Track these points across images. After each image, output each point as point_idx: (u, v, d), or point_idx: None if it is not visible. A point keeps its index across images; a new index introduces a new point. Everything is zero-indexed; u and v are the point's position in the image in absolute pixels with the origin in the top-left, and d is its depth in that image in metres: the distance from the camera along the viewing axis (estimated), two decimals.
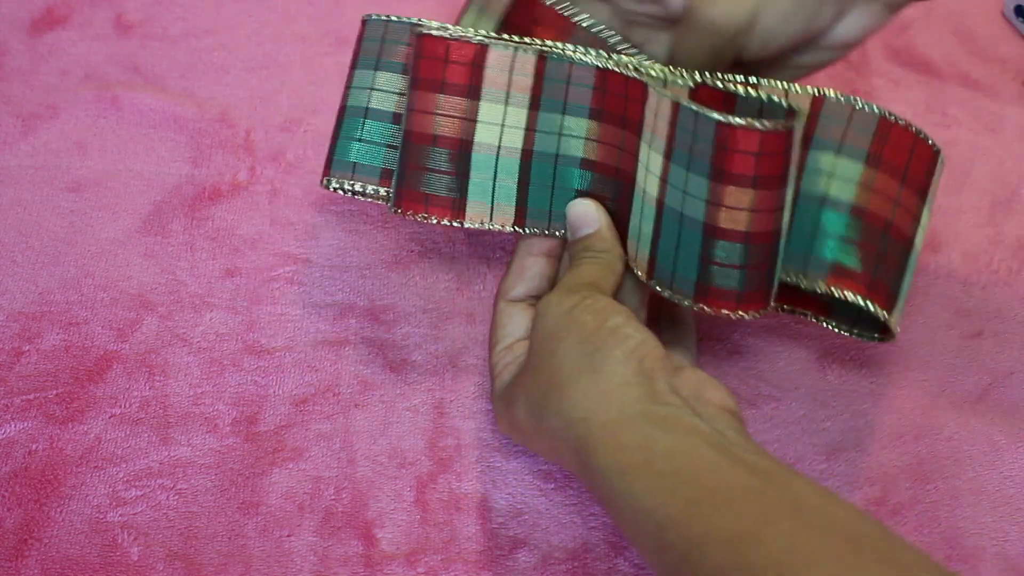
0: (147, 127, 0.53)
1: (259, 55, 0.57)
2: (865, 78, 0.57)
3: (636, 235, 0.40)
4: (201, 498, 0.42)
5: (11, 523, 0.40)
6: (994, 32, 0.60)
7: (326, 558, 0.40)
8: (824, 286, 0.39)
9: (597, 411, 0.33)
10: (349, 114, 0.42)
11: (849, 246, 0.38)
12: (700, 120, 0.36)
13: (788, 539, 0.27)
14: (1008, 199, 0.52)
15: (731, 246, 0.37)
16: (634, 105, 0.39)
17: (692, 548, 0.29)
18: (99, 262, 0.48)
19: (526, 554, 0.41)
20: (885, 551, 0.27)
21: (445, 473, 0.43)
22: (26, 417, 0.43)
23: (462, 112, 0.40)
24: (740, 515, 0.29)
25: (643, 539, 0.31)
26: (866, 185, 0.38)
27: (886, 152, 0.39)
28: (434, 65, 0.40)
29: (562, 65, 0.41)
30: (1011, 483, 0.43)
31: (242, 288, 0.48)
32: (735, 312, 0.38)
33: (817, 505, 0.29)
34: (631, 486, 0.31)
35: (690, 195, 0.37)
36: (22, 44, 0.56)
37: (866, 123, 0.38)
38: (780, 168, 0.36)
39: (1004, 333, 0.48)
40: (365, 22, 0.43)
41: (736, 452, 0.31)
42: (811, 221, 0.39)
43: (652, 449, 0.31)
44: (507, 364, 0.40)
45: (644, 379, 0.34)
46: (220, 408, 0.44)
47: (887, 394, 0.46)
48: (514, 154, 0.41)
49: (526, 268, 0.41)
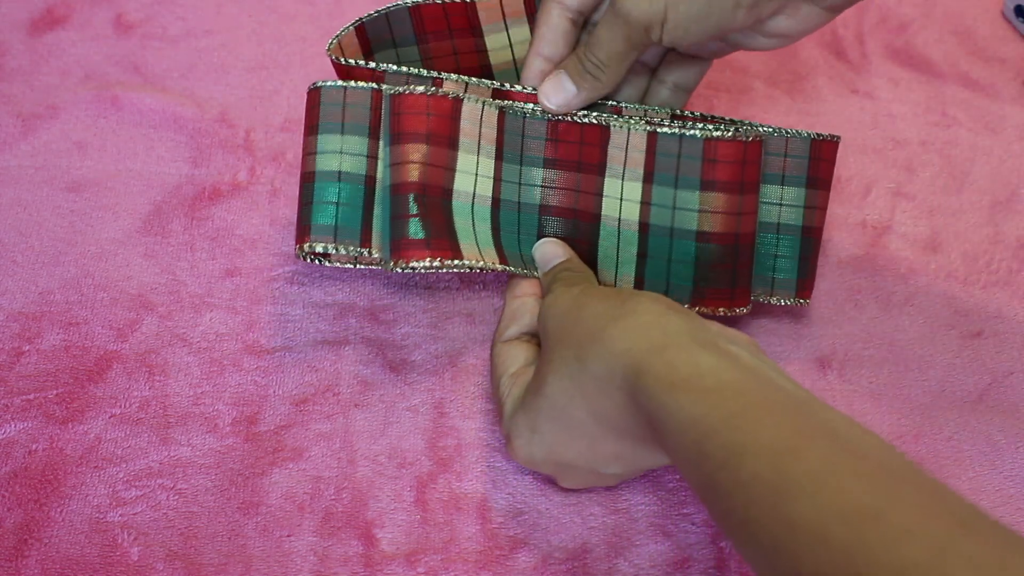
0: (147, 127, 0.53)
1: (259, 55, 0.57)
2: (865, 78, 0.57)
3: (612, 263, 0.43)
4: (201, 498, 0.42)
5: (11, 523, 0.40)
6: (994, 32, 0.60)
7: (326, 558, 0.40)
8: (793, 301, 0.44)
9: (640, 340, 0.34)
10: (321, 178, 0.42)
11: (802, 262, 0.44)
12: (685, 142, 0.41)
13: (826, 455, 0.28)
14: (1008, 199, 0.52)
15: (724, 248, 0.41)
16: (590, 149, 0.43)
17: (731, 456, 0.29)
18: (99, 262, 0.48)
19: (526, 554, 0.41)
20: (915, 477, 0.28)
21: (445, 473, 0.43)
22: (26, 417, 0.43)
23: (444, 161, 0.42)
24: (780, 429, 0.29)
25: (684, 451, 0.31)
26: (810, 206, 0.44)
27: (821, 171, 0.44)
28: (416, 119, 0.41)
29: (518, 119, 0.44)
30: (1011, 483, 0.43)
31: (242, 288, 0.48)
32: (730, 309, 0.42)
33: (850, 432, 0.30)
34: (678, 399, 0.32)
35: (680, 209, 0.41)
36: (22, 44, 0.56)
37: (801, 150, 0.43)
38: (757, 175, 0.42)
39: (1004, 333, 0.48)
40: (319, 89, 0.42)
41: (774, 378, 0.33)
42: (769, 247, 0.44)
43: (699, 366, 0.32)
44: (513, 386, 0.40)
45: (678, 312, 0.36)
46: (220, 408, 0.44)
47: (887, 394, 0.46)
48: (486, 202, 0.43)
49: (516, 310, 0.43)
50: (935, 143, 0.54)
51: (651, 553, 0.41)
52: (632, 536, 0.41)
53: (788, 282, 0.44)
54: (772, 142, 0.43)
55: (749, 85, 0.56)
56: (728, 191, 0.41)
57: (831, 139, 0.44)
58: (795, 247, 0.44)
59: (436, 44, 0.46)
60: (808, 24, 0.41)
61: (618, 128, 0.43)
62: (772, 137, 0.43)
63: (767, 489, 0.28)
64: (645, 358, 0.33)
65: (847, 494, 0.27)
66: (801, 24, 0.41)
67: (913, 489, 0.27)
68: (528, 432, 0.38)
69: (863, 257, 0.50)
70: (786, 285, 0.44)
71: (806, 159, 0.43)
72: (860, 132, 0.55)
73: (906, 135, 0.55)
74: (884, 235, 0.51)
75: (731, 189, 0.41)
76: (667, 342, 0.34)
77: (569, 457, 0.38)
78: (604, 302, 0.37)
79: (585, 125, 0.43)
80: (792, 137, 0.43)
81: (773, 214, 0.43)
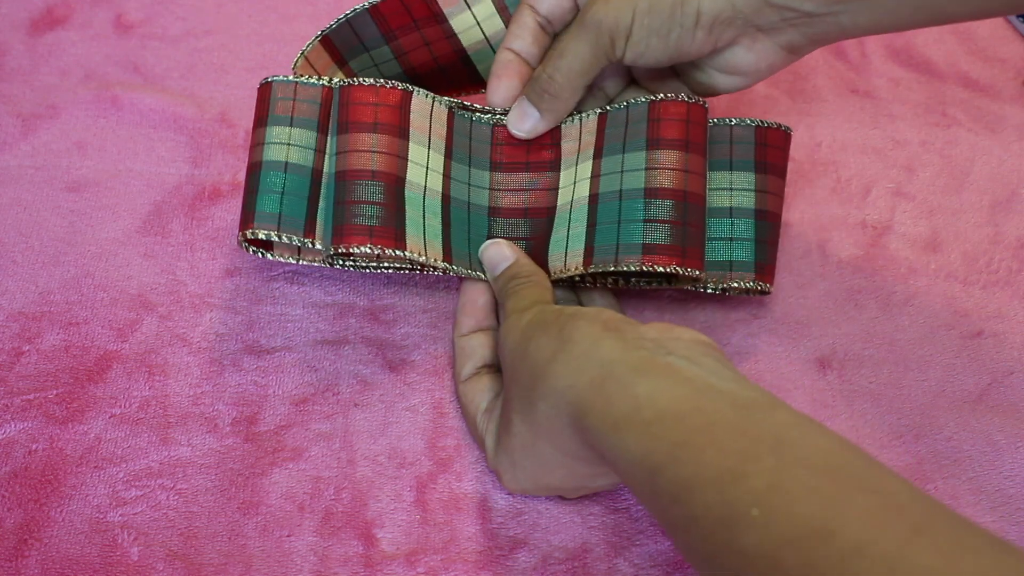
0: (147, 127, 0.53)
1: (259, 55, 0.57)
2: (865, 78, 0.57)
3: (562, 246, 0.43)
4: (201, 498, 0.42)
5: (11, 523, 0.40)
6: (994, 32, 0.60)
7: (326, 558, 0.40)
8: (754, 284, 0.44)
9: (580, 375, 0.34)
10: (267, 167, 0.42)
11: (759, 244, 0.44)
12: (631, 108, 0.42)
13: (771, 475, 0.28)
14: (1008, 199, 0.52)
15: (672, 204, 0.41)
16: (539, 150, 0.44)
17: (681, 491, 0.29)
18: (99, 262, 0.48)
19: (526, 554, 0.41)
20: (867, 480, 0.28)
21: (445, 473, 0.43)
22: (26, 417, 0.43)
23: (395, 150, 0.42)
24: (724, 453, 0.29)
25: (639, 487, 0.31)
26: (761, 190, 0.44)
27: (769, 156, 0.44)
28: (364, 109, 0.42)
29: (464, 122, 0.44)
30: (1011, 483, 0.43)
31: (242, 288, 0.48)
32: (682, 266, 0.41)
33: (798, 437, 0.29)
34: (623, 438, 0.31)
35: (628, 171, 0.42)
36: (22, 44, 0.56)
37: (746, 136, 0.44)
38: (702, 137, 0.42)
39: (1004, 333, 0.48)
40: (269, 84, 0.43)
41: (715, 384, 0.32)
42: (724, 231, 0.44)
43: (636, 399, 0.32)
44: (488, 423, 0.41)
45: (613, 333, 0.35)
46: (220, 408, 0.44)
47: (887, 394, 0.46)
48: (436, 196, 0.43)
49: (465, 348, 0.43)
50: (935, 143, 0.54)
51: (651, 553, 0.41)
52: (632, 535, 0.41)
53: (746, 264, 0.43)
54: (717, 131, 0.44)
55: None
56: (674, 148, 0.41)
57: (779, 128, 0.44)
58: (750, 229, 0.43)
59: (405, 39, 0.46)
60: (766, 62, 0.42)
61: (570, 122, 0.44)
62: (717, 126, 0.44)
63: (718, 523, 0.28)
64: (586, 395, 0.33)
65: (796, 517, 0.27)
66: (760, 61, 0.42)
67: (865, 496, 0.27)
68: (511, 468, 0.39)
69: (863, 257, 0.50)
70: (744, 267, 0.44)
71: (752, 144, 0.44)
72: (860, 132, 0.55)
73: (906, 135, 0.55)
74: (884, 235, 0.51)
75: (677, 146, 0.41)
76: (604, 374, 0.33)
77: (555, 483, 0.39)
78: (545, 334, 0.36)
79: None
80: (736, 125, 0.44)
81: (725, 199, 0.44)
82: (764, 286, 0.44)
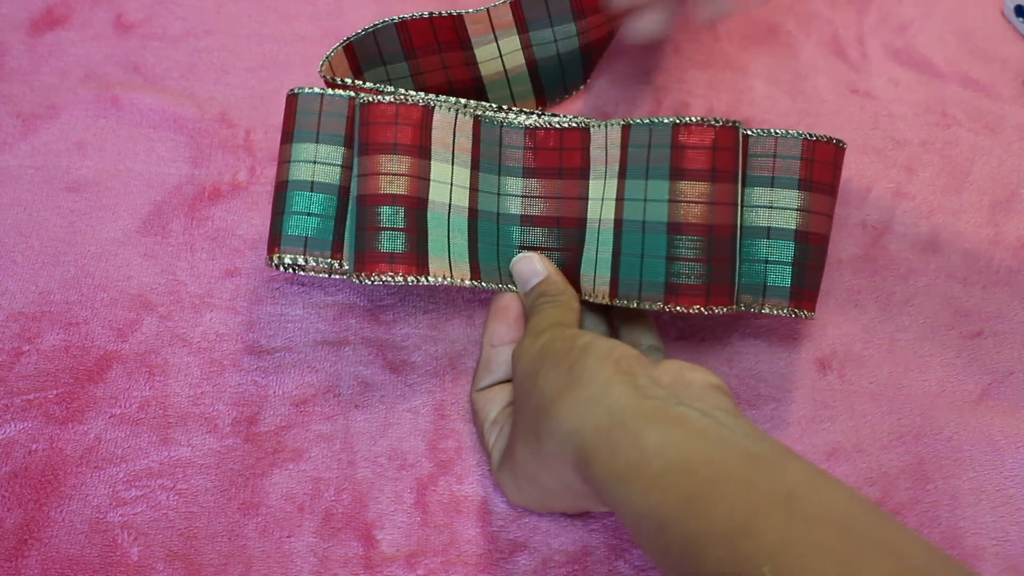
0: (147, 127, 0.53)
1: (259, 55, 0.56)
2: (865, 78, 0.57)
3: (592, 268, 0.42)
4: (201, 498, 0.42)
5: (11, 523, 0.40)
6: (994, 32, 0.60)
7: (326, 559, 0.40)
8: (789, 311, 0.41)
9: (587, 419, 0.33)
10: (294, 188, 0.42)
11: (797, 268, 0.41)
12: (655, 129, 0.40)
13: (781, 531, 0.27)
14: (1008, 199, 0.52)
15: (696, 240, 0.39)
16: (571, 154, 0.43)
17: (690, 545, 0.29)
18: (99, 262, 0.48)
19: (526, 557, 0.41)
20: (880, 537, 0.27)
21: (445, 475, 0.43)
22: (26, 417, 0.43)
23: (415, 171, 0.41)
24: (734, 508, 0.29)
25: (646, 540, 0.31)
26: (804, 209, 0.41)
27: (816, 172, 0.41)
28: (384, 129, 0.40)
29: (494, 128, 0.43)
30: (1011, 483, 0.43)
31: (242, 288, 0.48)
32: (706, 307, 0.39)
33: (809, 492, 0.29)
34: (630, 489, 0.31)
35: (651, 200, 0.40)
36: (22, 44, 0.56)
37: (791, 150, 0.41)
38: (732, 163, 0.40)
39: (1004, 333, 0.48)
40: (295, 96, 0.42)
41: (727, 436, 0.31)
42: (760, 252, 0.41)
43: (644, 447, 0.31)
44: (498, 435, 0.41)
45: (624, 376, 0.34)
46: (220, 408, 0.44)
47: (887, 394, 0.46)
48: (463, 212, 0.42)
49: (491, 360, 0.42)
50: (935, 143, 0.54)
51: None
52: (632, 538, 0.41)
53: (781, 290, 0.41)
54: (759, 143, 0.41)
55: (749, 85, 0.56)
56: (698, 179, 0.39)
57: (830, 141, 0.41)
58: (788, 252, 0.41)
59: (425, 59, 0.46)
60: None
61: (597, 127, 0.42)
62: (760, 138, 0.41)
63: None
64: (592, 441, 0.33)
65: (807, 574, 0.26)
66: None
67: (879, 558, 0.27)
68: (514, 487, 0.39)
69: (863, 257, 0.50)
70: (778, 293, 0.41)
71: (797, 160, 0.41)
72: (860, 132, 0.54)
73: (906, 135, 0.55)
74: (884, 235, 0.51)
75: (702, 177, 0.39)
76: (612, 422, 0.32)
77: (558, 507, 0.39)
78: (556, 367, 0.36)
79: (564, 130, 0.43)
80: (781, 137, 0.41)
81: (762, 217, 0.41)
82: (803, 313, 0.41)
